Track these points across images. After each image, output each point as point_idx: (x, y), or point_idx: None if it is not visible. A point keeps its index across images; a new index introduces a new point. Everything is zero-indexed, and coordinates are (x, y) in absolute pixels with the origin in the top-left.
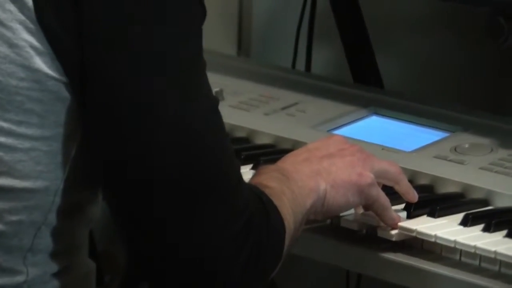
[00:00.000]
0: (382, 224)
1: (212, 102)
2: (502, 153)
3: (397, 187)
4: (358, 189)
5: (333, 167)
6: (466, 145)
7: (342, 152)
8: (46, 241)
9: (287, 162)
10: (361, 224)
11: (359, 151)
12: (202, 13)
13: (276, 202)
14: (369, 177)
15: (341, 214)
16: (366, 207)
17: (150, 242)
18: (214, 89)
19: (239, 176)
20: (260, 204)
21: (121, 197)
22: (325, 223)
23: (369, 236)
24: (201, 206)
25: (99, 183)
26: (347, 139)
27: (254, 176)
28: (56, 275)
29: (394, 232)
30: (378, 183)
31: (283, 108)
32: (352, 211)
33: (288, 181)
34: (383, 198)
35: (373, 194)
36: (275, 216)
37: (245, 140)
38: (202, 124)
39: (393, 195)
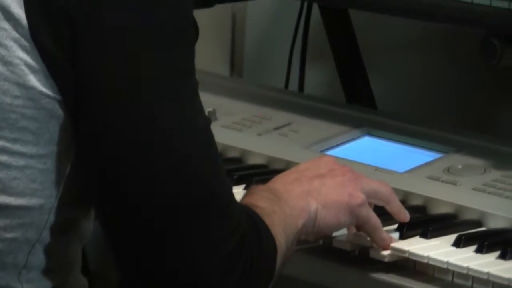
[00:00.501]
0: (374, 244)
1: (204, 122)
2: (495, 174)
3: (388, 207)
4: (349, 209)
5: (323, 187)
6: (459, 166)
7: (333, 173)
8: (40, 258)
9: (278, 183)
10: (354, 245)
11: (349, 172)
12: (195, 34)
13: (268, 222)
14: (359, 197)
15: (334, 235)
16: (358, 228)
17: (142, 263)
18: (207, 109)
19: (231, 196)
20: (252, 224)
21: (112, 218)
22: (318, 244)
23: (362, 257)
24: (194, 226)
25: (92, 200)
26: (339, 160)
27: (245, 196)
28: None
29: (386, 253)
30: (370, 204)
31: (276, 129)
32: (344, 231)
33: (279, 201)
34: (374, 219)
35: (364, 215)
36: (267, 236)
37: (238, 160)
38: (194, 145)
39: (385, 216)
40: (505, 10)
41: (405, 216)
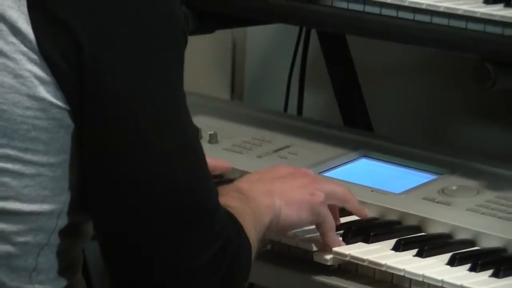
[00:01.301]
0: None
1: (192, 132)
2: (489, 195)
3: (347, 206)
4: (310, 207)
5: (285, 186)
6: (454, 187)
7: (293, 175)
8: (48, 260)
9: (243, 182)
10: (301, 250)
11: (308, 175)
12: (184, 43)
13: (241, 222)
14: (320, 196)
15: (285, 242)
16: (316, 226)
17: (134, 264)
18: (209, 132)
19: (217, 203)
20: (233, 228)
21: (105, 222)
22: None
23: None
24: (183, 232)
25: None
26: (336, 182)
27: None
28: None
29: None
30: (328, 206)
31: (276, 151)
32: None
33: (248, 199)
34: (331, 219)
35: (323, 213)
36: (244, 237)
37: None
38: (189, 152)
39: (383, 235)
40: (499, 36)
41: (365, 213)
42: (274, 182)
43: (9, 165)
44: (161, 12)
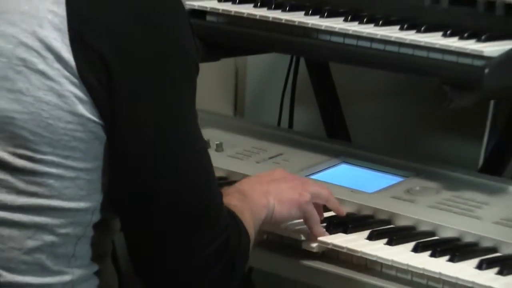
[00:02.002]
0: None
1: (203, 143)
2: (446, 194)
3: (328, 205)
4: (299, 205)
5: (278, 188)
6: (417, 188)
7: (285, 179)
8: (84, 249)
9: (244, 184)
10: (291, 239)
11: (297, 178)
12: (197, 71)
13: (242, 218)
14: (307, 196)
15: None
16: (304, 221)
17: (154, 255)
18: (215, 142)
19: (222, 204)
20: (234, 224)
21: (129, 221)
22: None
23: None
24: (196, 227)
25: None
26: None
27: None
28: (92, 276)
29: (314, 245)
30: (314, 204)
31: (271, 158)
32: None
33: (247, 199)
34: (316, 215)
35: (309, 210)
36: (244, 231)
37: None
38: (202, 160)
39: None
40: (454, 63)
41: (342, 211)
42: (269, 184)
43: (53, 170)
44: (178, 45)
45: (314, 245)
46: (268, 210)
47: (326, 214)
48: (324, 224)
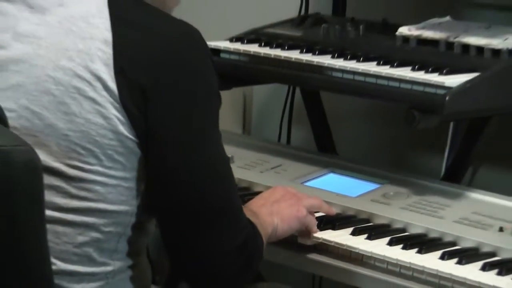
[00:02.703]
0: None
1: (226, 156)
2: (415, 198)
3: (320, 211)
4: (298, 220)
5: (280, 208)
6: (391, 193)
7: (284, 197)
8: (124, 245)
9: (252, 205)
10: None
11: (295, 195)
12: (220, 103)
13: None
14: (303, 211)
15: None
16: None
17: (184, 251)
18: (228, 155)
19: (242, 208)
20: (252, 227)
21: (168, 225)
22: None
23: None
24: (223, 226)
25: (155, 209)
26: (312, 190)
27: None
28: (131, 267)
29: (342, 248)
30: (310, 212)
31: (272, 168)
32: None
33: (257, 217)
34: (314, 222)
35: (307, 221)
36: (259, 234)
37: (247, 188)
38: (224, 173)
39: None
40: (421, 92)
41: (333, 212)
42: (272, 205)
43: (99, 178)
44: (203, 80)
45: (308, 239)
46: (273, 227)
47: (317, 214)
48: (316, 223)
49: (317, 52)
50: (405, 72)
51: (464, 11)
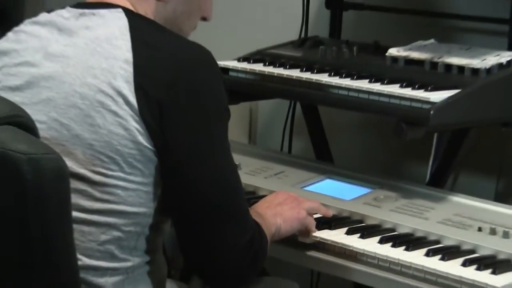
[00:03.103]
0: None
1: (235, 164)
2: (403, 201)
3: (318, 213)
4: (298, 221)
5: (283, 210)
6: (382, 197)
7: (286, 201)
8: (142, 243)
9: (258, 208)
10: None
11: (296, 199)
12: (229, 116)
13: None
14: (304, 213)
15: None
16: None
17: (198, 249)
18: (236, 163)
19: (247, 208)
20: (257, 227)
21: (182, 225)
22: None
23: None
24: (233, 225)
25: (169, 212)
26: (311, 194)
27: None
28: (149, 263)
29: (337, 245)
30: (309, 214)
31: (275, 174)
32: None
33: (262, 218)
34: (312, 223)
35: (307, 222)
36: (264, 234)
37: (253, 193)
38: (233, 179)
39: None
40: (408, 107)
41: (330, 214)
42: (276, 208)
43: (120, 183)
44: (216, 96)
45: (307, 238)
46: (276, 227)
47: (316, 216)
48: (315, 223)
49: (315, 71)
50: (394, 89)
51: (446, 34)
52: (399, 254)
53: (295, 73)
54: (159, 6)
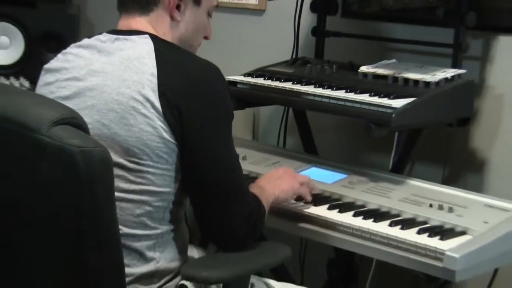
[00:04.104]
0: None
1: (237, 155)
2: (371, 184)
3: (309, 185)
4: (293, 191)
5: (280, 182)
6: (355, 180)
7: (283, 176)
8: (168, 215)
9: (260, 181)
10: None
11: (292, 175)
12: (232, 117)
13: (261, 199)
14: (297, 185)
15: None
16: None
17: (210, 220)
18: (242, 155)
19: (247, 187)
20: (256, 200)
21: (197, 201)
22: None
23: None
24: (238, 201)
25: (188, 191)
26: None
27: None
28: (174, 230)
29: (321, 218)
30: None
31: (273, 163)
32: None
33: (264, 190)
34: (307, 191)
35: (300, 191)
36: (262, 206)
37: (256, 178)
38: (236, 164)
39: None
40: (375, 111)
41: (316, 187)
42: (275, 181)
43: (150, 169)
44: (221, 102)
45: (301, 211)
46: (274, 196)
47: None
48: (309, 192)
49: (304, 84)
50: (365, 97)
51: (405, 56)
52: (368, 225)
53: (288, 85)
54: (173, 25)
